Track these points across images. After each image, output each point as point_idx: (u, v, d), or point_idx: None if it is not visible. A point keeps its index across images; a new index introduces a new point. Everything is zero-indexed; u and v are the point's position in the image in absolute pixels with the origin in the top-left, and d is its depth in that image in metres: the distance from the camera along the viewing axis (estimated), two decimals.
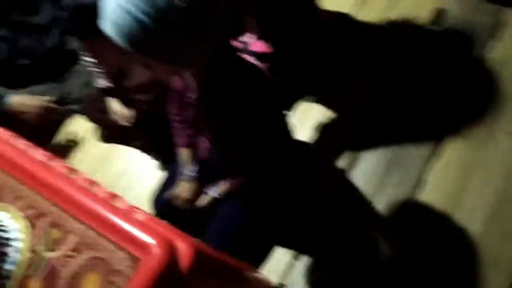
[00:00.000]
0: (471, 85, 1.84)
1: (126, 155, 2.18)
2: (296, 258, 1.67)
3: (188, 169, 1.61)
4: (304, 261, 1.65)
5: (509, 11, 1.94)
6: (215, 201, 1.57)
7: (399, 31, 2.06)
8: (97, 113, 2.05)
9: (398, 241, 1.61)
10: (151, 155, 2.13)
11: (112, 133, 2.21)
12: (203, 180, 1.61)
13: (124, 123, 1.92)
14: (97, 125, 2.22)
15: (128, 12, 0.93)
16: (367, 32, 2.10)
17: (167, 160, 1.92)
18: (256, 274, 1.50)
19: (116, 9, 0.95)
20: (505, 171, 1.62)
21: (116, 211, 0.98)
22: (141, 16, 0.93)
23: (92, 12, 1.37)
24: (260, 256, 1.67)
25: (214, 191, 1.57)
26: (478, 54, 1.90)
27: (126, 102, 1.89)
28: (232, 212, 1.56)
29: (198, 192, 1.60)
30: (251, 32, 1.85)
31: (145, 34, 0.95)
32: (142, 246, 0.90)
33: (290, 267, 1.65)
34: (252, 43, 1.90)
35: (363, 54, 2.03)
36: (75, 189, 1.03)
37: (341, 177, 1.77)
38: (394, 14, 2.11)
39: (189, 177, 1.60)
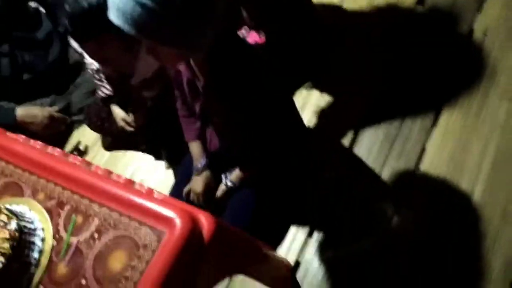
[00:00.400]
0: (461, 57, 1.86)
1: (133, 160, 2.17)
2: (309, 235, 1.66)
3: (200, 163, 1.61)
4: (317, 238, 1.65)
5: None
6: (230, 190, 1.57)
7: (387, 16, 2.08)
8: (99, 122, 2.06)
9: (404, 213, 1.61)
10: (158, 157, 2.13)
11: (116, 140, 2.22)
12: (217, 171, 1.61)
13: (129, 128, 1.92)
14: (101, 134, 2.23)
15: None
16: (358, 19, 2.12)
17: (176, 159, 1.92)
18: (274, 253, 1.51)
19: None
20: (500, 133, 1.64)
21: (137, 192, 0.99)
22: (145, 0, 0.95)
23: (91, 14, 1.39)
24: (276, 238, 1.68)
25: (227, 180, 1.57)
26: (465, 27, 1.93)
27: (131, 103, 1.89)
28: (246, 198, 1.56)
29: (213, 184, 1.60)
30: (246, 24, 1.87)
31: (151, 18, 0.97)
32: (165, 219, 0.91)
33: (304, 245, 1.65)
34: (248, 35, 1.93)
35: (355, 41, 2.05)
36: (94, 176, 1.05)
37: (345, 154, 1.77)
38: (379, 0, 2.14)
39: (202, 170, 1.60)
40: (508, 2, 1.93)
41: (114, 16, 0.99)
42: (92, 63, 1.78)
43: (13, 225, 0.96)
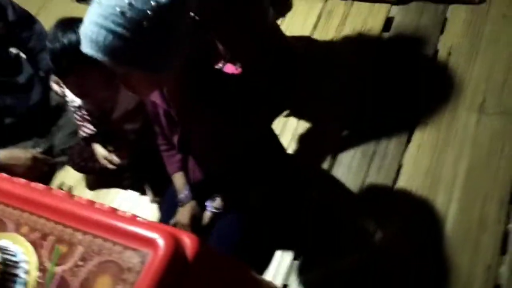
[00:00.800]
0: (429, 76, 1.92)
1: (117, 196, 2.15)
2: (295, 258, 1.65)
3: (184, 194, 1.61)
4: (303, 260, 1.64)
5: (452, 7, 2.07)
6: (215, 216, 1.57)
7: (356, 43, 2.15)
8: (82, 163, 2.06)
9: (386, 228, 1.62)
10: (142, 192, 2.12)
11: (100, 178, 2.21)
12: (200, 200, 1.61)
13: (111, 166, 1.92)
14: (84, 174, 2.22)
15: (103, 27, 1.00)
16: (329, 48, 2.18)
17: (160, 192, 1.92)
18: (261, 277, 1.49)
19: (92, 27, 1.02)
20: (471, 143, 1.68)
21: (120, 217, 0.98)
22: (114, 27, 0.99)
23: (70, 49, 1.43)
24: (262, 262, 1.66)
25: (211, 207, 1.57)
26: (430, 49, 1.99)
27: (114, 138, 1.89)
28: (230, 222, 1.56)
29: (199, 213, 1.60)
30: (222, 56, 1.91)
31: (121, 43, 1.02)
32: (148, 241, 0.90)
33: (291, 268, 1.64)
34: (224, 67, 1.97)
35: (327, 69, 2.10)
36: (76, 205, 1.04)
37: (325, 175, 1.78)
38: (347, 29, 2.21)
39: (186, 202, 1.60)
40: (467, 18, 2.01)
41: (87, 47, 1.04)
42: (73, 101, 1.79)
43: None
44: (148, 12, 1.00)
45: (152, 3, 1.00)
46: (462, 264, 1.48)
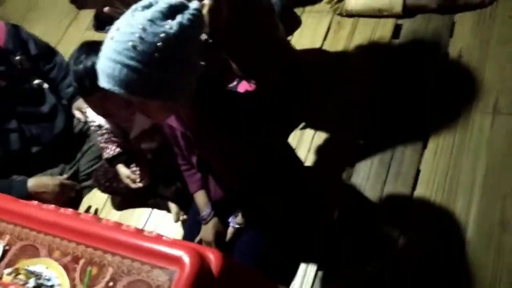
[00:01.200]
0: (441, 79, 1.93)
1: (142, 216, 2.19)
2: (319, 268, 1.66)
3: (206, 212, 1.64)
4: (327, 270, 1.65)
5: (458, 14, 2.09)
6: (238, 232, 1.59)
7: (366, 52, 2.17)
8: (107, 183, 2.11)
9: (408, 235, 1.62)
10: (166, 210, 2.16)
11: (125, 198, 2.26)
12: (224, 217, 1.64)
13: (134, 186, 1.97)
14: (110, 195, 2.27)
15: (117, 61, 1.03)
16: (339, 58, 2.20)
17: (185, 209, 1.96)
18: None
19: (107, 62, 1.05)
20: (487, 146, 1.68)
21: (146, 237, 1.02)
22: (127, 61, 1.03)
23: (91, 70, 1.49)
24: (287, 274, 1.68)
25: (234, 223, 1.60)
26: (441, 52, 2.01)
27: (134, 157, 1.95)
28: (254, 236, 1.57)
29: (222, 230, 1.63)
30: (236, 74, 1.95)
31: (136, 76, 1.04)
32: (174, 259, 0.94)
33: (315, 278, 1.65)
34: (239, 85, 2.00)
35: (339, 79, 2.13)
36: (105, 228, 1.08)
37: (344, 185, 1.80)
38: (357, 39, 2.23)
39: (209, 219, 1.63)
40: (475, 20, 2.02)
41: (103, 81, 1.07)
42: (94, 121, 1.87)
43: (31, 283, 0.99)
44: (159, 44, 1.02)
45: (162, 35, 1.03)
46: (486, 266, 1.47)
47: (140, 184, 1.95)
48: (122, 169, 1.98)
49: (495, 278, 1.44)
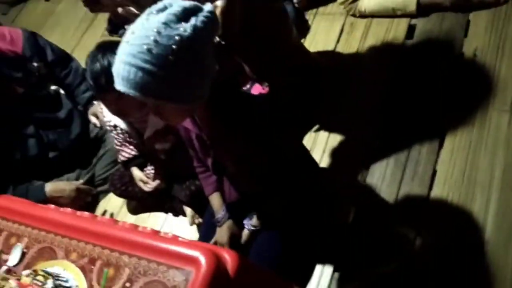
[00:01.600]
0: (457, 78, 1.91)
1: (158, 219, 2.20)
2: (336, 269, 1.65)
3: (221, 214, 1.63)
4: (344, 271, 1.64)
5: (473, 13, 2.06)
6: (253, 233, 1.59)
7: (380, 53, 2.16)
8: (123, 187, 2.12)
9: (425, 235, 1.60)
10: (182, 214, 2.16)
11: (141, 203, 2.27)
12: (239, 219, 1.63)
13: (148, 188, 1.98)
14: (126, 199, 2.29)
15: (132, 65, 1.04)
16: (353, 60, 2.19)
17: (201, 213, 1.96)
18: None
19: (122, 66, 1.06)
20: (505, 144, 1.66)
21: (162, 238, 1.02)
22: (142, 64, 1.03)
23: (107, 69, 1.52)
24: (303, 276, 1.66)
25: (249, 225, 1.59)
26: (455, 52, 1.99)
27: (148, 159, 1.96)
28: (269, 238, 1.56)
29: (237, 232, 1.62)
30: (249, 77, 1.95)
31: (151, 79, 1.05)
32: (190, 260, 0.93)
33: (332, 280, 1.64)
34: (252, 87, 2.00)
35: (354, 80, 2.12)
36: (121, 230, 1.09)
37: (360, 186, 1.78)
38: (370, 40, 2.22)
39: (224, 221, 1.62)
40: (490, 19, 2.00)
41: (120, 85, 1.08)
42: (110, 120, 1.88)
43: (49, 284, 1.00)
44: (173, 46, 1.03)
45: (176, 38, 1.03)
46: (506, 266, 1.45)
47: (154, 185, 1.97)
48: (136, 171, 2.00)
49: None
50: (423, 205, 1.67)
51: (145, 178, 1.97)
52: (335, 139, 1.99)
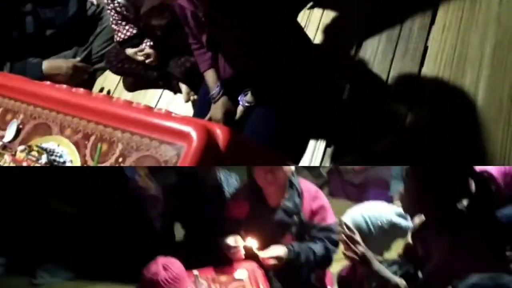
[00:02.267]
0: None
1: (154, 96, 2.11)
2: (328, 145, 1.61)
3: (215, 90, 1.54)
4: (337, 147, 1.59)
5: None
6: (247, 109, 1.51)
7: None
8: (119, 64, 2.01)
9: (417, 110, 1.52)
10: (177, 90, 2.07)
11: (137, 79, 2.16)
12: (234, 96, 1.55)
13: (142, 57, 1.89)
14: (121, 76, 2.18)
15: None
16: None
17: (196, 89, 1.87)
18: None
19: None
20: (496, 22, 1.52)
21: (155, 113, 0.95)
22: None
23: None
24: (297, 151, 1.62)
25: (244, 101, 1.51)
26: None
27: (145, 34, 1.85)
28: (264, 114, 1.49)
29: (232, 108, 1.54)
30: None
31: None
32: (182, 135, 0.87)
33: (324, 155, 1.60)
34: None
35: None
36: (115, 105, 1.01)
37: (351, 61, 1.67)
38: None
39: (218, 97, 1.54)
40: None
41: None
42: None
43: (43, 159, 0.94)
44: None
45: None
46: (497, 139, 1.39)
47: (148, 51, 1.88)
48: (130, 51, 1.90)
49: (505, 146, 1.37)
50: (414, 81, 1.57)
51: (137, 49, 1.88)
52: (329, 16, 1.83)
